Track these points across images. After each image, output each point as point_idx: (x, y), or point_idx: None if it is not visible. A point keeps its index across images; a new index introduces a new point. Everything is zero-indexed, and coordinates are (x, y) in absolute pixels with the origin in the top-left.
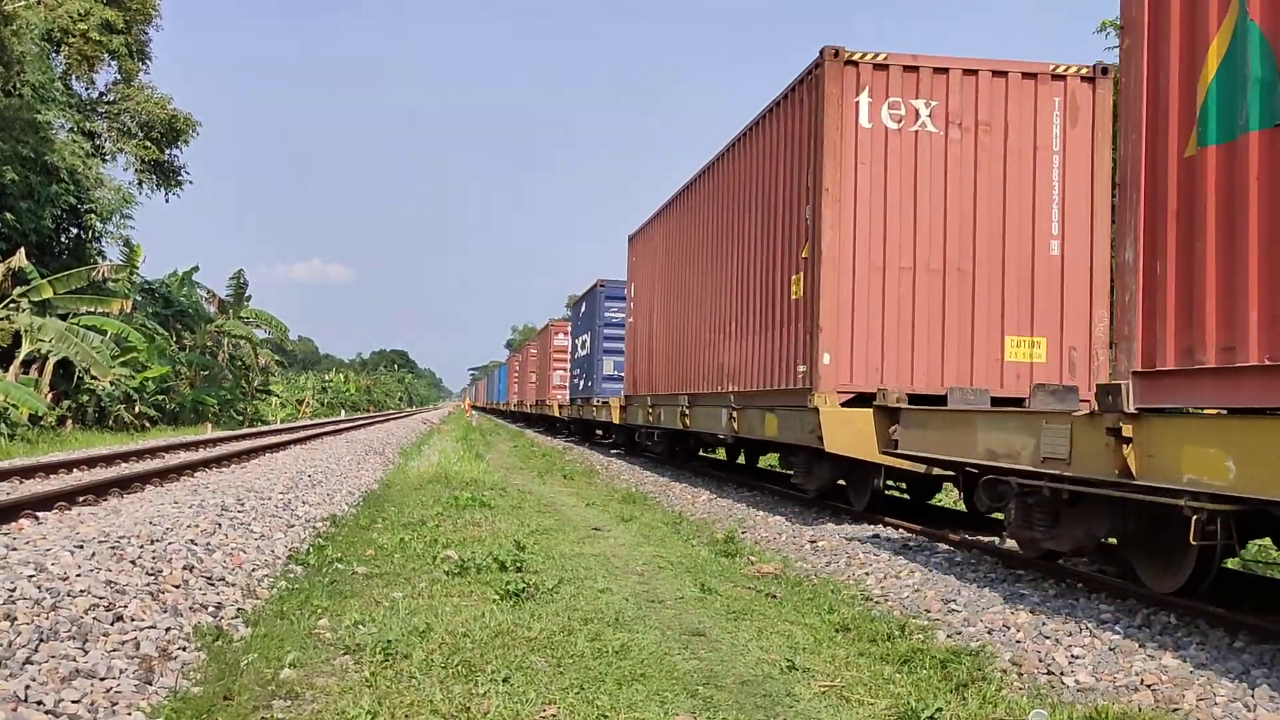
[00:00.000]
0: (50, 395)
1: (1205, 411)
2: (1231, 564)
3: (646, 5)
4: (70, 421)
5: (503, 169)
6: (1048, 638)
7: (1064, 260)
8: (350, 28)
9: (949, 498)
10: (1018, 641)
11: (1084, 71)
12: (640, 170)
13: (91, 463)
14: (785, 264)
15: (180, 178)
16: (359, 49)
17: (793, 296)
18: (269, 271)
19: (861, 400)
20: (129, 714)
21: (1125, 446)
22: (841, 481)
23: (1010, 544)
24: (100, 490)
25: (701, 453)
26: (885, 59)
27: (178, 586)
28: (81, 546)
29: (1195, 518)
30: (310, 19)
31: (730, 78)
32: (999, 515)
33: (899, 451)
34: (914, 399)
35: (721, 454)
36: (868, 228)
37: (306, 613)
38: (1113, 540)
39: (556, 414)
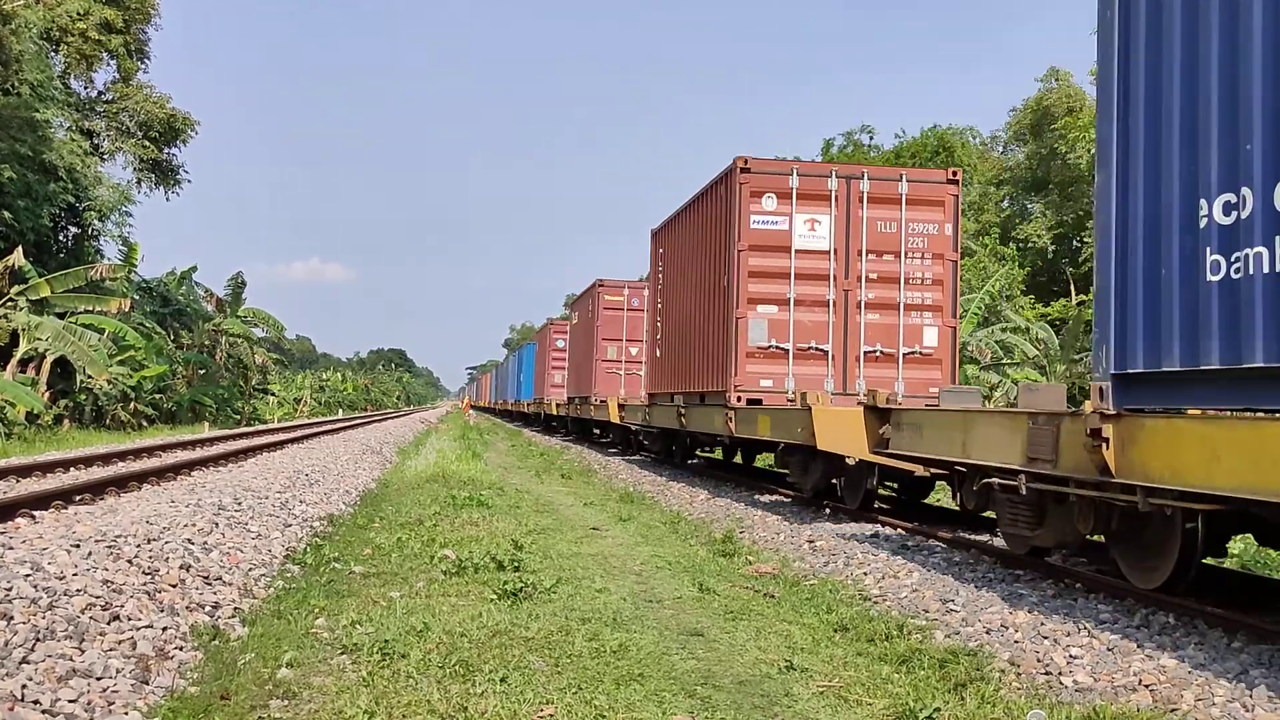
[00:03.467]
0: (47, 394)
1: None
2: (1229, 564)
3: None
4: (67, 420)
5: (502, 168)
6: (1046, 638)
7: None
8: (349, 27)
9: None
10: (1016, 641)
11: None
12: (641, 172)
13: (88, 462)
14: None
15: (179, 176)
16: (358, 48)
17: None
18: (267, 270)
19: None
20: (126, 713)
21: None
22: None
23: (1001, 541)
24: (97, 489)
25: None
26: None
27: (175, 586)
28: (78, 545)
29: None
30: (309, 18)
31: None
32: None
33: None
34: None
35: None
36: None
37: (304, 612)
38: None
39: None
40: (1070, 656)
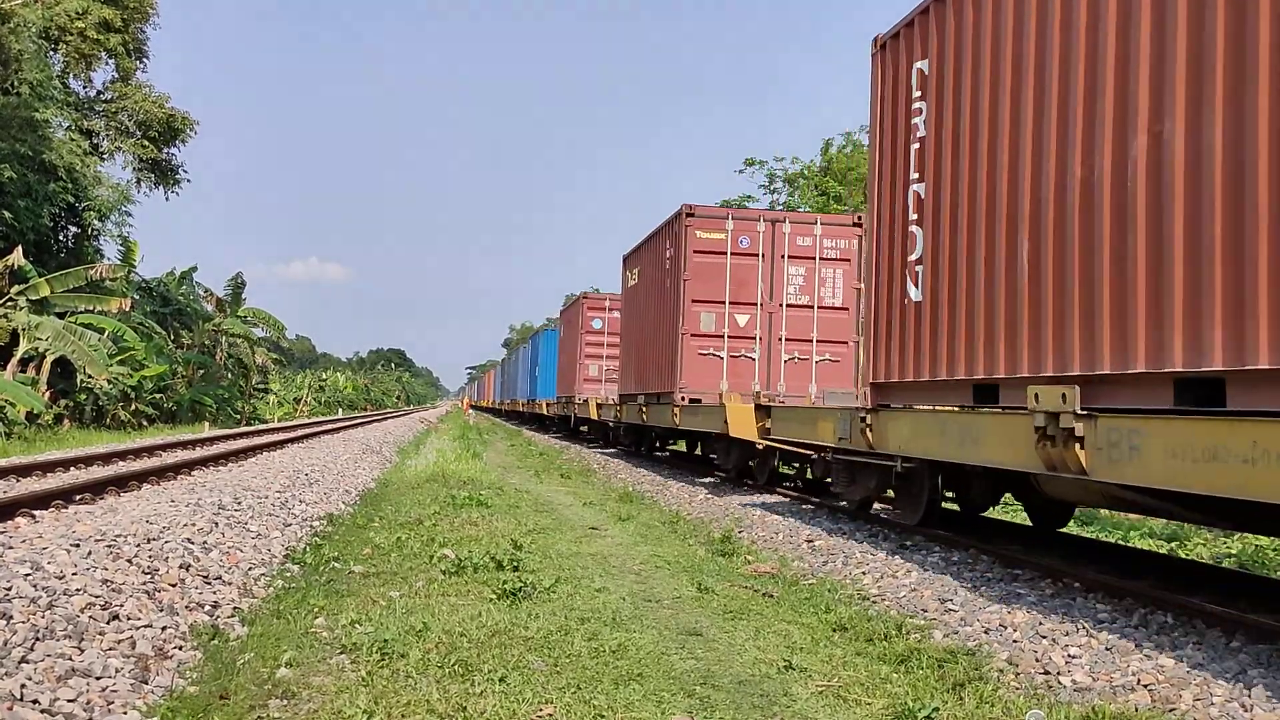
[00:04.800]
0: (48, 393)
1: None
2: (1228, 564)
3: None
4: (67, 420)
5: (501, 168)
6: (1044, 637)
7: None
8: (349, 26)
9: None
10: (1014, 641)
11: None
12: (642, 170)
13: (88, 461)
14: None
15: (178, 176)
16: (358, 47)
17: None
18: (266, 270)
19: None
20: (125, 713)
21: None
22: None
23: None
24: (97, 489)
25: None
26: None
27: (174, 585)
28: (78, 545)
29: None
30: (309, 17)
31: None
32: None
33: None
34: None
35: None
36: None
37: (303, 612)
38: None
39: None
40: (1069, 656)
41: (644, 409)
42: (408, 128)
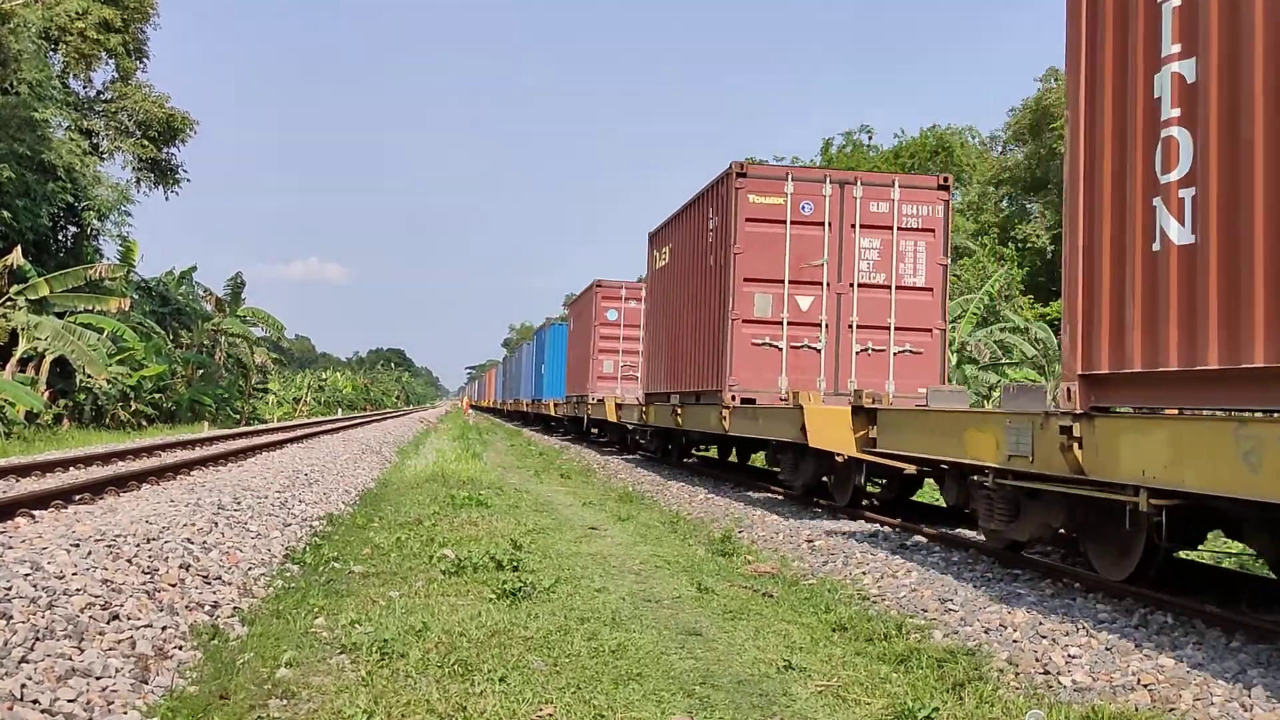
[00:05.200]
0: (47, 393)
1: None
2: (1228, 563)
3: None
4: (67, 420)
5: (501, 168)
6: (1044, 637)
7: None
8: (348, 26)
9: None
10: (1014, 641)
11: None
12: (642, 171)
13: (88, 461)
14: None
15: (178, 176)
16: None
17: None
18: (266, 270)
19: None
20: (125, 713)
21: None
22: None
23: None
24: (97, 489)
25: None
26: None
27: (174, 585)
28: (78, 545)
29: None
30: (308, 17)
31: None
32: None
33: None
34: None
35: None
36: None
37: (303, 612)
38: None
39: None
40: (1069, 656)
41: (679, 410)
42: (408, 128)
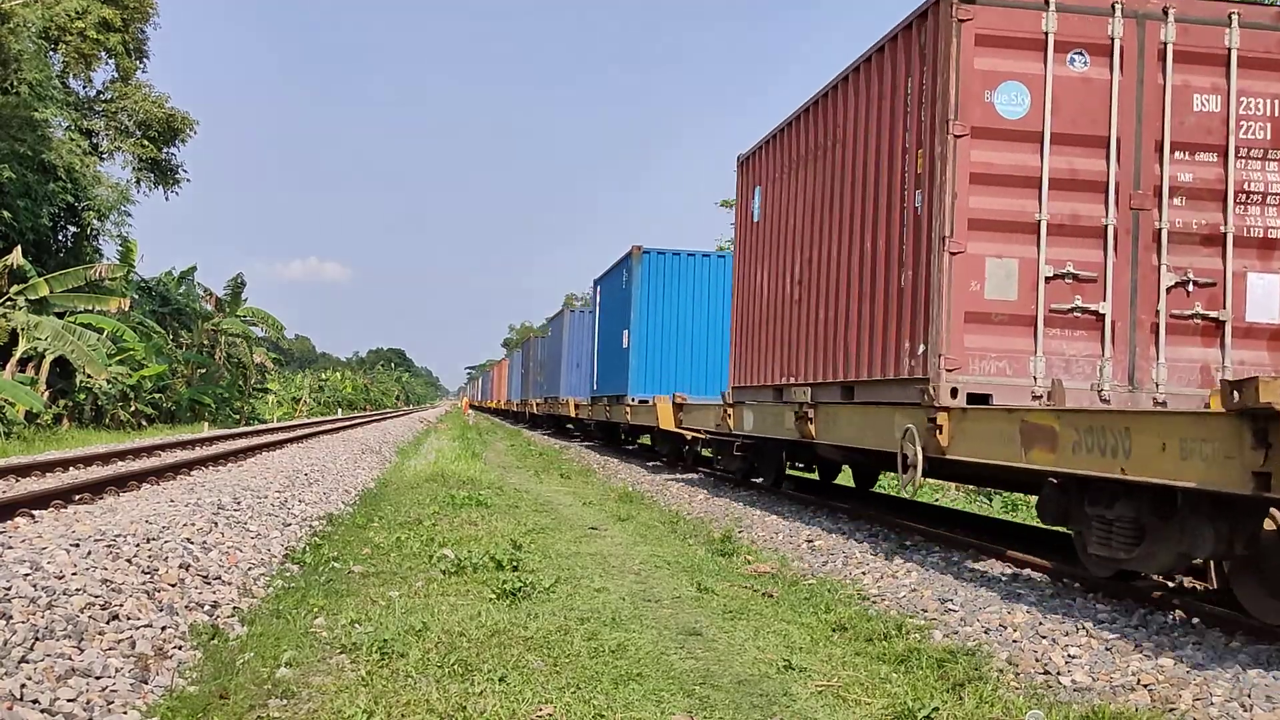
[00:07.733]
0: (47, 393)
1: None
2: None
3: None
4: (67, 420)
5: (501, 167)
6: (1044, 637)
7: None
8: (348, 25)
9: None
10: (1014, 641)
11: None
12: (640, 172)
13: (88, 461)
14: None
15: (178, 176)
16: (357, 46)
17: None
18: (266, 270)
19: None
20: (125, 713)
21: None
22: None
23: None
24: (96, 489)
25: None
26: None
27: (174, 585)
28: (78, 545)
29: None
30: (308, 17)
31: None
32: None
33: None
34: None
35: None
36: None
37: (303, 611)
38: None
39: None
40: (1069, 656)
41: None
42: (408, 127)
